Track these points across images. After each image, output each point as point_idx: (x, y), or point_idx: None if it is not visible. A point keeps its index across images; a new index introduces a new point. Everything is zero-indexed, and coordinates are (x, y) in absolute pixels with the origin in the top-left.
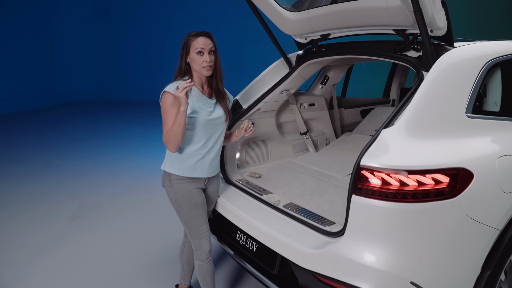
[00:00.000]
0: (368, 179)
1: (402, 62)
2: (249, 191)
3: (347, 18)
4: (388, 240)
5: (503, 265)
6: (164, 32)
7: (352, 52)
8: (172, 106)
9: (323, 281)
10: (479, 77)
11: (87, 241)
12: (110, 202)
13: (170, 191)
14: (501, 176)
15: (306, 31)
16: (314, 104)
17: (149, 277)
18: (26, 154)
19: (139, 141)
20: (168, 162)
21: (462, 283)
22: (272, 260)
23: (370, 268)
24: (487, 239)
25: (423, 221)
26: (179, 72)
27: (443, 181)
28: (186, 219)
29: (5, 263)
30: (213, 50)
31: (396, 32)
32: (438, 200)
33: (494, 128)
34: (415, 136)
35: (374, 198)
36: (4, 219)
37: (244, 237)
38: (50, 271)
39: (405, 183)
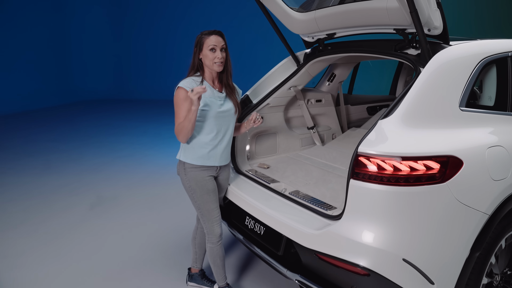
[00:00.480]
0: (365, 165)
1: (402, 60)
2: (258, 180)
3: (351, 18)
4: (383, 221)
5: (493, 249)
6: (175, 32)
7: (356, 50)
8: (184, 100)
9: (324, 259)
10: (473, 74)
11: (105, 229)
12: (125, 194)
13: (184, 178)
14: (490, 164)
15: (313, 30)
16: (321, 100)
17: (163, 261)
18: (45, 149)
19: (152, 137)
20: (183, 151)
21: (451, 262)
22: (278, 242)
23: (367, 246)
24: (475, 222)
25: (415, 203)
26: (192, 67)
27: (434, 167)
28: (199, 205)
29: (30, 247)
30: (224, 48)
31: (397, 31)
32: (429, 184)
33: (487, 121)
34: (411, 126)
35: (370, 182)
36: (27, 208)
37: (252, 221)
38: (71, 255)
39: (399, 169)
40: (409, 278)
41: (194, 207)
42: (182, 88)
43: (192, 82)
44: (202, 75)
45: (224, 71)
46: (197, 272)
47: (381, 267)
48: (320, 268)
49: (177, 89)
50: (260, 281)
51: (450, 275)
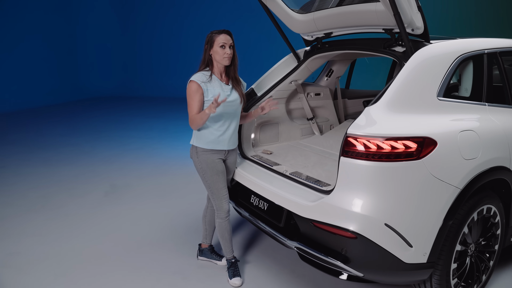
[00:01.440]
0: (353, 144)
1: (389, 56)
2: (262, 163)
3: (346, 19)
4: (368, 191)
5: (466, 220)
6: (181, 31)
7: (350, 47)
8: (196, 92)
9: (319, 226)
10: (451, 68)
11: (120, 213)
12: (137, 183)
13: (196, 161)
14: (462, 146)
15: (312, 30)
16: (320, 94)
17: (175, 240)
18: (56, 143)
19: (160, 132)
20: (195, 137)
21: (427, 228)
22: (279, 215)
23: (354, 213)
24: (448, 194)
25: (395, 176)
26: (203, 62)
27: (411, 146)
28: (209, 184)
29: (52, 229)
30: (232, 45)
31: (385, 31)
32: (407, 161)
33: (462, 109)
34: (394, 111)
35: (357, 158)
36: (46, 195)
37: (257, 199)
38: (91, 234)
39: (381, 147)
40: (390, 240)
41: (205, 186)
42: (194, 81)
43: (203, 76)
44: (211, 69)
45: (231, 65)
46: (207, 247)
47: (366, 231)
48: (316, 234)
49: (190, 82)
50: (263, 255)
51: (426, 239)
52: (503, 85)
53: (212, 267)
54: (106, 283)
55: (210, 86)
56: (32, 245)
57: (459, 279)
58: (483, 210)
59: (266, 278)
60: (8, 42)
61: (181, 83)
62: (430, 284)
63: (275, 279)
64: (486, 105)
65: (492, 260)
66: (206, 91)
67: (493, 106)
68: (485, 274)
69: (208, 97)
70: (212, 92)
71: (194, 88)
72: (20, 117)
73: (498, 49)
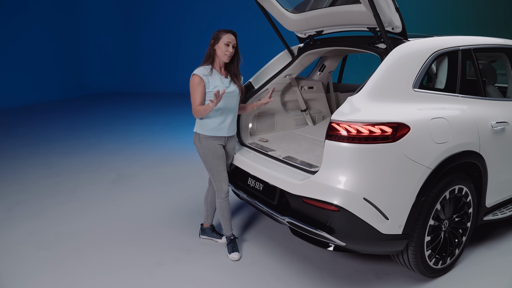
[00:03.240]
0: (336, 129)
1: (373, 52)
2: (258, 149)
3: (335, 18)
4: (349, 170)
5: (438, 197)
6: (182, 27)
7: (339, 44)
8: (198, 85)
9: (307, 201)
10: (426, 63)
11: (127, 199)
12: (142, 172)
13: (199, 147)
14: (433, 131)
15: (304, 28)
16: (313, 87)
17: (179, 222)
18: (63, 136)
19: (162, 126)
20: (198, 125)
21: (401, 203)
22: (273, 194)
23: (337, 189)
24: (420, 173)
25: (373, 156)
26: (208, 57)
27: (387, 131)
28: (211, 167)
29: (65, 213)
30: (235, 46)
31: (369, 29)
32: (383, 143)
33: (435, 100)
34: (373, 100)
35: (340, 141)
36: (58, 183)
37: (253, 181)
38: (100, 218)
39: (360, 131)
40: (368, 213)
41: (207, 169)
42: (197, 74)
43: (204, 69)
44: (212, 64)
45: (232, 63)
46: (208, 227)
47: (347, 204)
48: (305, 209)
49: (193, 76)
50: (259, 234)
51: (401, 213)
52: (476, 78)
53: (213, 244)
54: (116, 257)
55: (211, 79)
56: (49, 226)
57: (433, 251)
58: (455, 189)
59: (261, 253)
60: (11, 39)
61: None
62: (406, 254)
63: (270, 255)
64: (459, 96)
65: (464, 236)
66: (207, 84)
67: (466, 98)
68: (458, 248)
69: (209, 89)
70: (213, 84)
71: (196, 81)
72: (25, 112)
73: (472, 46)
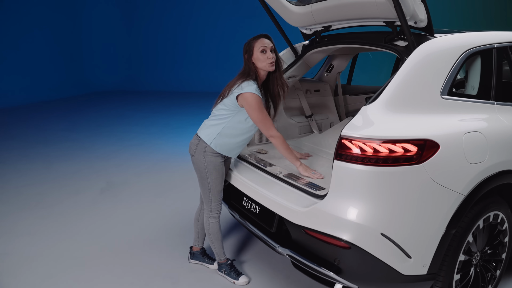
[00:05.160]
0: (347, 147)
1: (390, 51)
2: (256, 164)
3: (345, 11)
4: (363, 198)
5: (470, 228)
6: (186, 25)
7: (350, 42)
8: (262, 104)
9: (311, 234)
10: (456, 64)
11: (114, 212)
12: (134, 180)
13: (202, 161)
14: (467, 149)
15: (309, 23)
16: (319, 90)
17: (167, 241)
18: (57, 138)
19: (161, 127)
20: (215, 137)
21: (427, 238)
22: (271, 220)
23: (348, 221)
24: (451, 202)
25: (393, 182)
26: (243, 73)
27: (411, 149)
28: (211, 185)
29: (43, 229)
30: (274, 49)
31: (386, 24)
32: (406, 165)
33: (468, 109)
34: (393, 111)
35: (352, 162)
36: (42, 192)
37: (249, 202)
38: (83, 234)
39: (378, 150)
40: (387, 251)
41: (203, 187)
42: (256, 94)
43: (257, 88)
44: (257, 80)
45: (277, 70)
46: (199, 250)
47: (361, 240)
48: (308, 242)
49: (251, 96)
50: (256, 259)
51: (426, 250)
52: None
53: (204, 271)
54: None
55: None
56: (21, 246)
57: None
58: (490, 217)
59: (259, 282)
60: (13, 37)
61: (186, 77)
62: None
63: (269, 285)
64: (494, 104)
65: (499, 269)
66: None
67: (503, 105)
68: (491, 284)
69: None
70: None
71: (259, 100)
72: (24, 111)
73: (509, 43)
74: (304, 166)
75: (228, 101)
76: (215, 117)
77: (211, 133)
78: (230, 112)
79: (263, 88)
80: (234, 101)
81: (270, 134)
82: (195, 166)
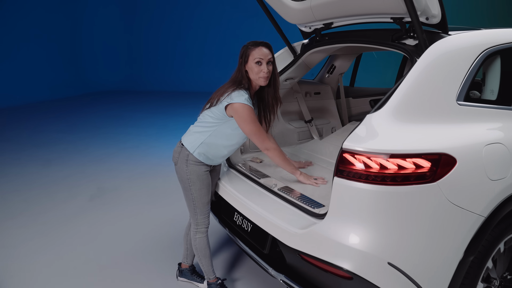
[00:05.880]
0: (350, 162)
1: (398, 50)
2: (249, 175)
3: (347, 6)
4: (368, 222)
5: (490, 253)
6: (187, 24)
7: (353, 40)
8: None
9: (307, 259)
10: (474, 65)
11: (102, 221)
12: (126, 186)
13: (184, 170)
14: (488, 163)
15: (309, 20)
16: (320, 93)
17: (156, 255)
18: (51, 140)
19: (159, 129)
20: (199, 146)
21: (442, 266)
22: (264, 240)
23: (350, 248)
24: (469, 225)
25: (402, 203)
26: (234, 81)
27: (423, 165)
28: (195, 197)
29: (27, 237)
30: (271, 61)
31: (394, 20)
32: (418, 184)
33: (487, 116)
34: (402, 121)
35: (355, 180)
36: (28, 199)
37: (240, 218)
38: (66, 246)
39: (385, 167)
40: (395, 282)
41: (187, 199)
42: (247, 105)
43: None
44: (249, 88)
45: (271, 85)
46: (187, 268)
47: (364, 270)
48: (304, 269)
49: (243, 106)
50: (250, 275)
51: (440, 280)
52: None
53: None
54: None
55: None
56: None
57: None
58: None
59: None
60: (13, 36)
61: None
62: None
63: None
64: None
65: None
66: None
67: None
68: None
69: None
70: None
71: (252, 111)
72: (23, 111)
73: None
74: (304, 175)
75: (216, 110)
76: (201, 123)
77: (194, 141)
78: (218, 121)
79: (257, 96)
80: (222, 111)
81: (265, 146)
82: (178, 176)
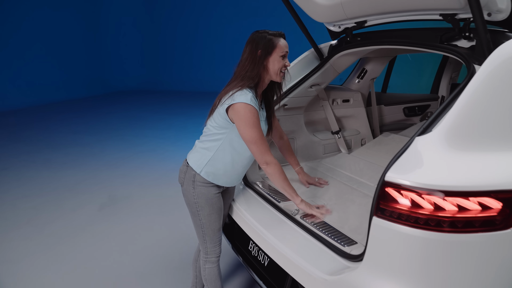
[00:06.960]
0: (394, 199)
1: (449, 54)
2: (267, 196)
3: (385, 2)
4: (415, 277)
5: None
6: (205, 23)
7: (391, 42)
8: (257, 119)
9: None
10: None
11: (109, 234)
12: (138, 194)
13: (191, 193)
14: None
15: (339, 18)
16: (349, 100)
17: (164, 277)
18: (67, 142)
19: (177, 131)
20: (206, 164)
21: None
22: (282, 279)
23: None
24: None
25: (463, 257)
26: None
27: (493, 206)
28: (204, 223)
29: (25, 254)
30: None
31: (444, 17)
32: (486, 232)
33: None
34: (459, 147)
35: (400, 223)
36: (37, 206)
37: (256, 248)
38: (69, 261)
39: (441, 207)
40: None
41: (196, 225)
42: (252, 106)
43: (254, 98)
44: (256, 87)
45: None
46: None
47: None
48: None
49: (245, 106)
50: None
51: None
52: None
53: None
54: None
55: (260, 114)
56: (1, 275)
57: None
58: None
59: None
60: (31, 36)
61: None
62: None
63: None
64: None
65: None
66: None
67: None
68: None
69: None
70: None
71: (255, 113)
72: (41, 112)
73: None
74: (306, 203)
75: (218, 116)
76: (205, 137)
77: (200, 158)
78: (223, 131)
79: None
80: (224, 116)
81: (265, 160)
82: (185, 199)
